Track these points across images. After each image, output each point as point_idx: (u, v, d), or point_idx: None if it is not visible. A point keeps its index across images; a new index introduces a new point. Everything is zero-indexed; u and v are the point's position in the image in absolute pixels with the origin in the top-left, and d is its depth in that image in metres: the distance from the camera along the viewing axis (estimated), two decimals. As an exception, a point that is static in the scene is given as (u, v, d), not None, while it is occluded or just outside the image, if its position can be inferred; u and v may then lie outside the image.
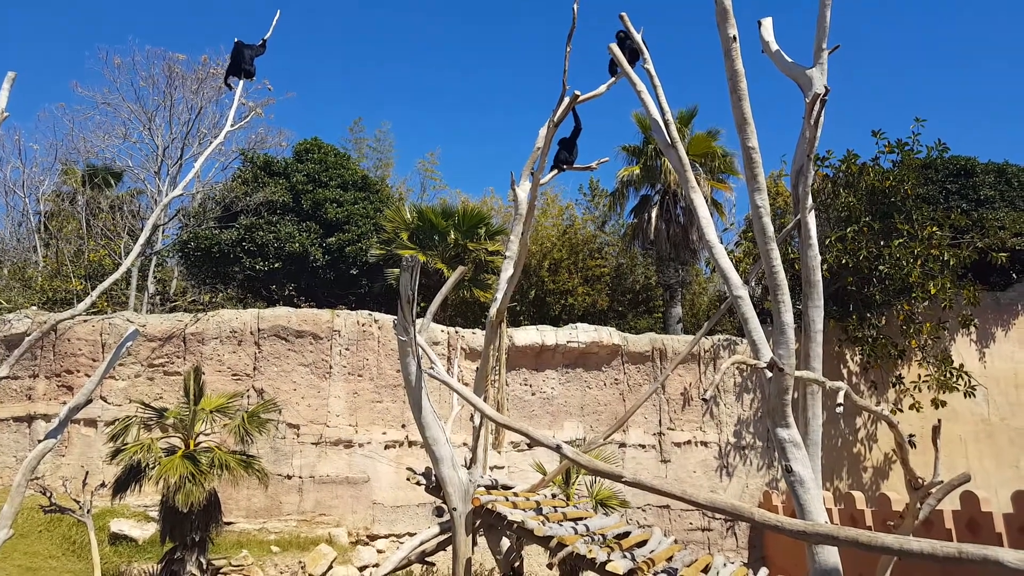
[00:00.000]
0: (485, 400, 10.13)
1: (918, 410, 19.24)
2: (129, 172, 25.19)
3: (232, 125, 10.88)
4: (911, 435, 18.47)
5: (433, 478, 9.88)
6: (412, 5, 67.60)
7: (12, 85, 9.98)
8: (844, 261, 19.03)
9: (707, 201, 22.56)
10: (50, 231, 25.66)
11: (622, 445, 18.94)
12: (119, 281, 17.81)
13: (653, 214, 23.69)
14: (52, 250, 25.09)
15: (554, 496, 11.93)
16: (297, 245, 20.88)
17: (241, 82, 10.74)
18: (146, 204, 25.94)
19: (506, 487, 10.82)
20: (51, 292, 21.39)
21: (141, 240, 9.24)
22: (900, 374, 20.07)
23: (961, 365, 19.68)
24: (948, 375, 19.44)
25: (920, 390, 19.61)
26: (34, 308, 18.48)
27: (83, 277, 22.04)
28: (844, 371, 20.41)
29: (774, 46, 7.44)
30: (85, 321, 17.12)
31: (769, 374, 6.71)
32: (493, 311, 10.17)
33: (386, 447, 17.81)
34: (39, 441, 8.49)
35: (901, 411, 19.44)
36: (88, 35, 56.18)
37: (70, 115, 24.85)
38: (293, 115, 59.63)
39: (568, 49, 8.80)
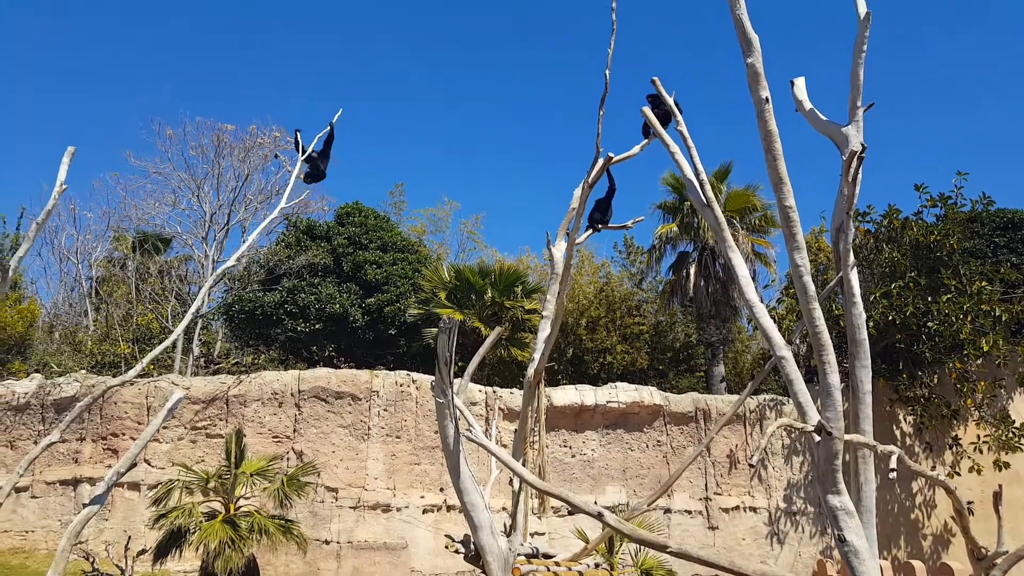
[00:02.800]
0: (524, 463, 9.98)
1: (979, 472, 18.40)
2: (178, 238, 25.97)
3: (286, 202, 11.21)
4: (969, 502, 17.64)
5: (472, 546, 9.68)
6: (445, 65, 69.67)
7: (71, 159, 10.45)
8: (891, 318, 18.55)
9: (748, 257, 22.44)
10: (101, 296, 26.42)
11: (667, 511, 18.38)
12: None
13: (692, 271, 23.52)
14: (102, 314, 25.79)
15: (597, 566, 11.57)
16: (337, 306, 21.18)
17: (300, 162, 11.08)
18: (193, 269, 26.64)
19: (547, 556, 10.55)
20: (100, 356, 21.91)
21: (191, 311, 9.48)
22: (956, 435, 19.29)
23: (1023, 424, 18.87)
24: (1010, 435, 18.63)
25: (980, 451, 18.79)
26: (83, 372, 18.91)
27: (131, 341, 22.57)
28: (897, 432, 19.70)
29: (807, 105, 7.43)
30: (131, 384, 17.44)
31: (817, 438, 6.50)
32: (531, 371, 10.08)
33: (424, 511, 17.57)
34: (84, 505, 8.58)
35: (959, 475, 18.60)
36: (141, 107, 58.93)
37: (123, 184, 25.81)
38: (336, 180, 61.23)
39: (601, 113, 8.90)
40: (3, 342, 21.99)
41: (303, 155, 11.32)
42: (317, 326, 21.23)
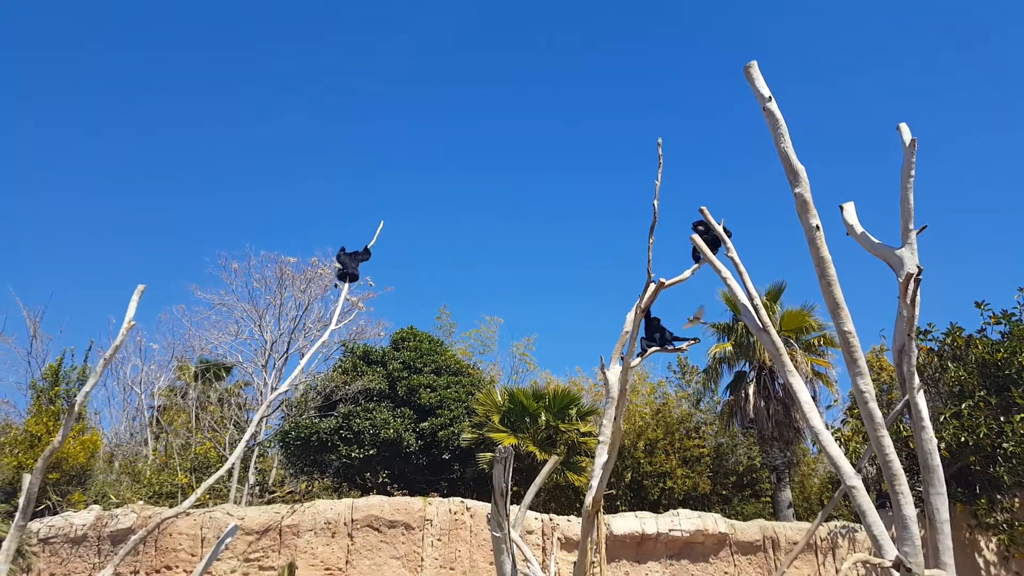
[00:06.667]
0: (584, 600, 9.53)
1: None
2: (238, 366, 26.57)
3: (336, 324, 11.59)
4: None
5: None
6: (490, 194, 72.17)
7: (140, 296, 11.00)
8: (963, 439, 17.66)
9: (807, 378, 21.87)
10: (161, 425, 26.90)
11: (737, 649, 17.18)
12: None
13: (750, 391, 22.97)
14: (162, 443, 26.15)
15: None
16: (392, 431, 21.14)
17: (347, 285, 11.54)
18: (252, 395, 27.06)
19: None
20: (158, 486, 22.07)
21: (246, 436, 9.65)
22: (1050, 565, 17.85)
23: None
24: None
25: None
26: (140, 503, 19.04)
27: (189, 470, 22.74)
28: (980, 560, 18.30)
29: (859, 228, 7.49)
30: (187, 515, 17.45)
31: (896, 574, 6.14)
32: (589, 500, 9.83)
33: (480, 650, 16.75)
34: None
35: (1058, 609, 17.07)
36: (206, 242, 62.08)
37: (188, 315, 26.73)
38: (391, 306, 62.71)
39: (651, 241, 9.09)
40: (65, 473, 22.39)
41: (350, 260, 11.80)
42: (371, 452, 21.16)
